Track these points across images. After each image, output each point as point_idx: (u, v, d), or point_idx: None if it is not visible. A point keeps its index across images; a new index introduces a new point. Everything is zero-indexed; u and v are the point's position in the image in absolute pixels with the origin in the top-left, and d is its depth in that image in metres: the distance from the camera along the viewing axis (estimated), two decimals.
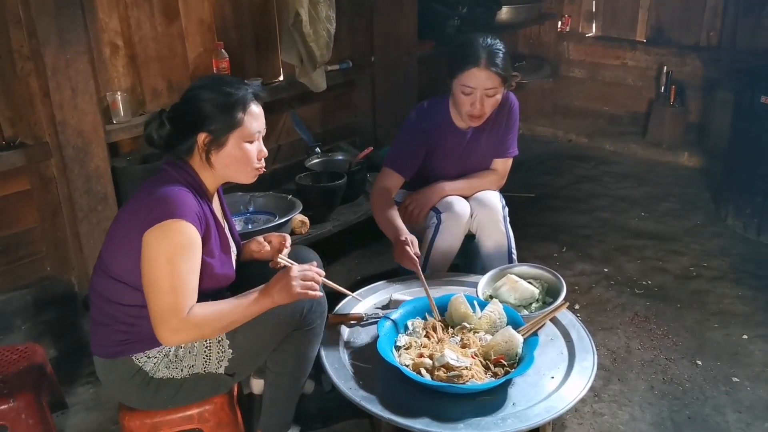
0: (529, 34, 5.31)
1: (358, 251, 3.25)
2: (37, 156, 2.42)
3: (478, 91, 2.33)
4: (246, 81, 1.78)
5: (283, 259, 1.89)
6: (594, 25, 5.23)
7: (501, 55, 2.33)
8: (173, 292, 1.56)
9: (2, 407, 1.93)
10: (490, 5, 4.37)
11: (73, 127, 2.40)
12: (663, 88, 4.67)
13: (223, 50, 3.00)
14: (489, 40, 2.34)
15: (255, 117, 1.74)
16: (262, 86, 3.18)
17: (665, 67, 4.65)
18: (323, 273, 1.79)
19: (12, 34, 2.31)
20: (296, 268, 1.71)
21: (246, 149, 1.73)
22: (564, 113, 5.33)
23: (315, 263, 1.81)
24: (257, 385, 2.26)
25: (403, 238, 2.24)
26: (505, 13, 4.54)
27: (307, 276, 1.72)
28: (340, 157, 3.40)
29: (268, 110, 1.89)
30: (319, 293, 1.77)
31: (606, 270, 3.12)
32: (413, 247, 2.21)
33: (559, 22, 5.30)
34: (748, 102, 3.27)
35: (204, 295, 1.68)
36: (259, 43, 3.28)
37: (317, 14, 3.10)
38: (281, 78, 3.43)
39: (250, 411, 2.18)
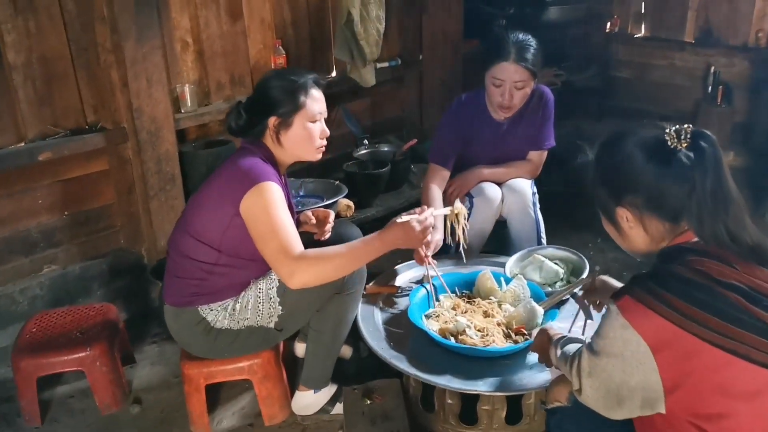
0: (576, 33, 5.38)
1: None
2: (116, 139, 2.71)
3: (507, 84, 2.50)
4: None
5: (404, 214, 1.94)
6: (643, 25, 5.27)
7: (531, 50, 2.48)
8: (277, 235, 1.78)
9: (80, 354, 2.22)
10: (537, 5, 4.50)
11: (148, 114, 2.69)
12: (710, 88, 4.68)
13: (280, 47, 3.26)
14: (520, 36, 2.50)
15: (315, 100, 1.97)
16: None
17: (713, 68, 4.67)
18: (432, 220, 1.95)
19: (97, 29, 2.60)
20: (414, 218, 1.88)
21: (310, 128, 1.97)
22: (611, 113, 5.38)
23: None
24: (300, 349, 2.50)
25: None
26: (552, 12, 4.65)
27: (425, 223, 1.89)
28: (386, 149, 3.61)
29: None
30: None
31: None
32: (427, 249, 2.27)
33: (608, 23, 5.36)
34: None
35: None
36: (314, 41, 3.52)
37: (368, 14, 3.32)
38: (334, 74, 3.66)
39: (295, 371, 2.40)
